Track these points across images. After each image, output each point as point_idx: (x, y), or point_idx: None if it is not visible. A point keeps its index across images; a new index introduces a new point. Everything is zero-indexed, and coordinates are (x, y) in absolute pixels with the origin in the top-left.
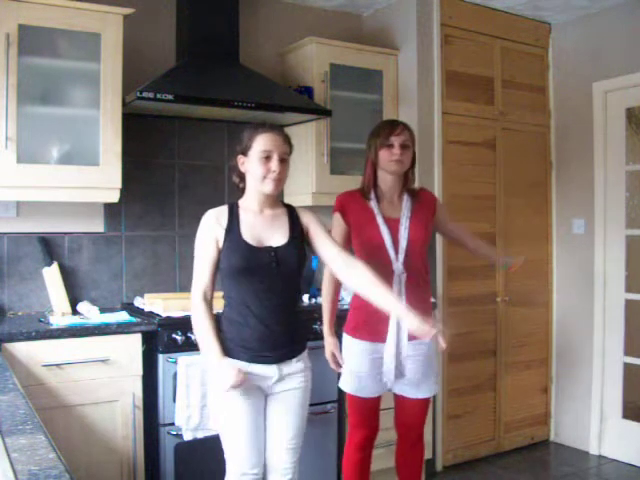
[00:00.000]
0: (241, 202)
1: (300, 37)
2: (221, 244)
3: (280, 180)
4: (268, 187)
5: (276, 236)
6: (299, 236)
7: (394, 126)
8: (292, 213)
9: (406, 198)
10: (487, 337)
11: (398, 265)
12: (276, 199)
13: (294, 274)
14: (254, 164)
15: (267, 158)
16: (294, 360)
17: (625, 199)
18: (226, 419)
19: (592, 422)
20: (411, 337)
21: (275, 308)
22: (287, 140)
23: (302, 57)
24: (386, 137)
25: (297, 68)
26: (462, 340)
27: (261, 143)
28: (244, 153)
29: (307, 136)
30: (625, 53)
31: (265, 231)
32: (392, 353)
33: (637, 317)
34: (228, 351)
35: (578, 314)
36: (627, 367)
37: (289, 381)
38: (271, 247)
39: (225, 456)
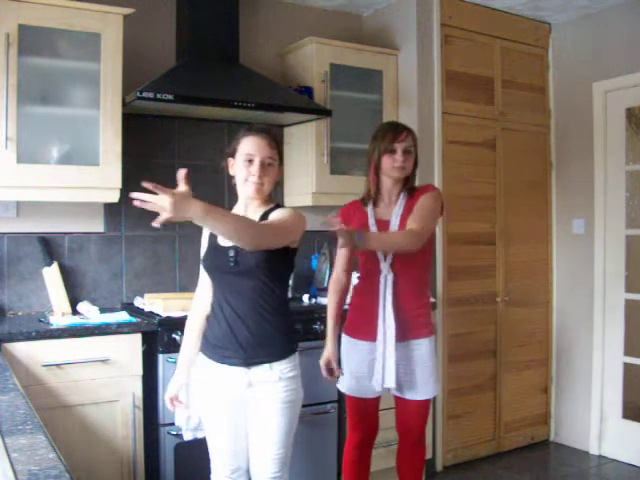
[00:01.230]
0: (235, 206)
1: (300, 37)
2: None
3: (261, 184)
4: (249, 190)
5: None
6: None
7: (398, 132)
8: (271, 210)
9: (402, 196)
10: (487, 337)
11: (385, 265)
12: (266, 200)
13: (256, 273)
14: (239, 167)
15: (249, 162)
16: (265, 366)
17: (625, 199)
18: (205, 423)
19: (592, 422)
20: (401, 337)
21: (241, 308)
22: (273, 145)
23: (302, 57)
24: (389, 143)
25: (297, 68)
26: (462, 340)
27: (244, 146)
28: (232, 155)
29: (307, 136)
30: (625, 53)
31: None
32: (380, 353)
33: (637, 317)
34: (205, 349)
35: (578, 314)
36: (627, 367)
37: (263, 389)
38: (234, 246)
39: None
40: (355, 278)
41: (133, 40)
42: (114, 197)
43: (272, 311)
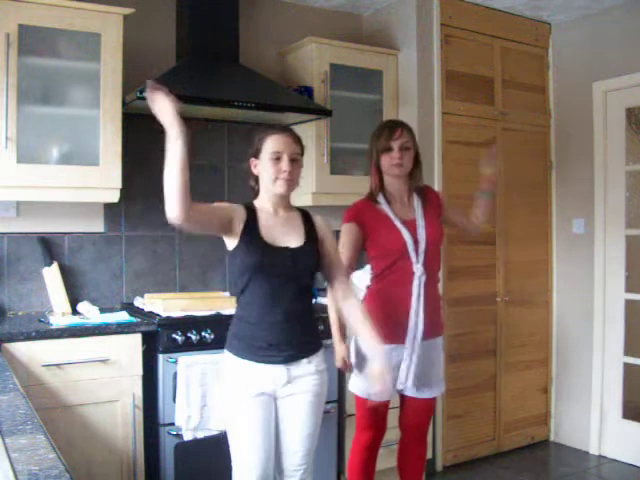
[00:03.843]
0: (256, 203)
1: (300, 37)
2: (238, 232)
3: (292, 180)
4: (280, 188)
5: (292, 237)
6: (315, 241)
7: (392, 130)
8: (307, 218)
9: (416, 198)
10: (487, 337)
11: (419, 267)
12: (289, 201)
13: (309, 275)
14: (265, 166)
15: (277, 159)
16: (304, 361)
17: (625, 199)
18: (235, 425)
19: (592, 422)
20: (428, 335)
21: (286, 307)
22: (297, 140)
23: (302, 57)
24: (385, 141)
25: (297, 68)
26: (462, 340)
27: (271, 144)
28: (255, 156)
29: (307, 136)
30: (625, 53)
31: (281, 232)
32: (409, 355)
33: (637, 317)
34: (238, 351)
35: (578, 314)
36: (627, 367)
37: (299, 384)
38: (288, 247)
39: (232, 462)
40: (359, 275)
41: (133, 40)
42: (114, 197)
43: (309, 308)
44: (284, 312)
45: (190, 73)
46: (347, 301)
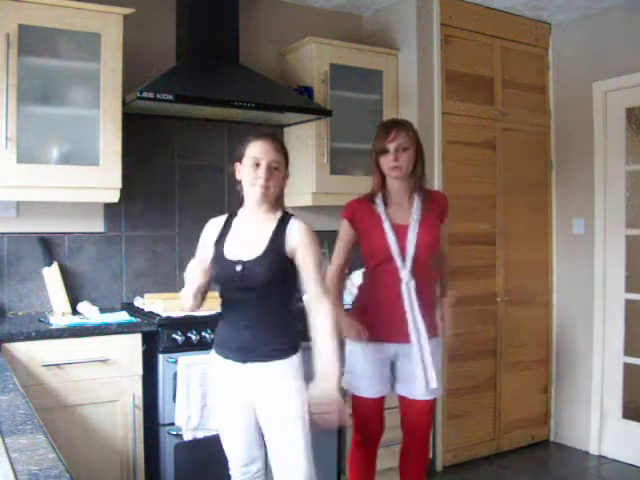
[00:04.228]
0: (240, 210)
1: (300, 37)
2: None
3: (267, 188)
4: (255, 194)
5: (254, 248)
6: (279, 247)
7: (388, 131)
8: (283, 222)
9: (417, 200)
10: (487, 337)
11: (405, 272)
12: (273, 206)
13: (263, 286)
14: (247, 171)
15: (257, 165)
16: (267, 364)
17: (625, 199)
18: (219, 418)
19: (592, 422)
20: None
21: (248, 316)
22: (280, 149)
23: (302, 57)
24: (382, 143)
25: (297, 68)
26: (462, 340)
27: (251, 150)
28: (239, 160)
29: (307, 136)
30: (625, 53)
31: (245, 241)
32: (420, 359)
33: (637, 317)
34: (215, 347)
35: (578, 314)
36: (627, 367)
37: (265, 388)
38: (240, 261)
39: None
40: (359, 274)
41: (133, 40)
42: (114, 197)
43: (276, 317)
44: (245, 318)
45: (190, 73)
46: (316, 315)
